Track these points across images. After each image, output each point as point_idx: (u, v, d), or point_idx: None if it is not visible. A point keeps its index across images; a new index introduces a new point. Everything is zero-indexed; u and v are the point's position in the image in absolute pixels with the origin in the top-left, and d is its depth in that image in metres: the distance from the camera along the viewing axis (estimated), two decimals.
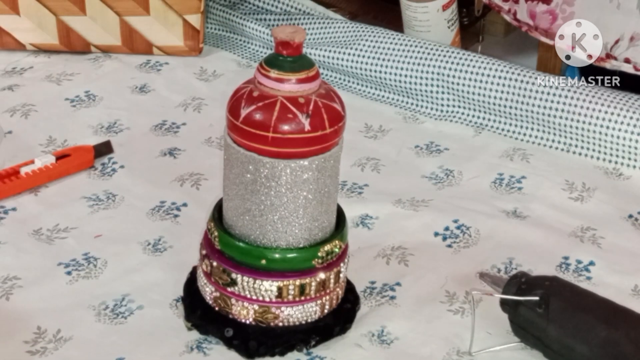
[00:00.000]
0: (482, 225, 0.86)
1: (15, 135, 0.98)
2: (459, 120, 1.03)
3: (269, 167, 0.65)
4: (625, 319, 0.67)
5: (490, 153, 0.98)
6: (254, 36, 1.18)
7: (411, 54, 1.05)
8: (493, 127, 1.01)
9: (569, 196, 0.91)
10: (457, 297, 0.77)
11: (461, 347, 0.72)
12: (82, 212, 0.86)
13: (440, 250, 0.83)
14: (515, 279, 0.70)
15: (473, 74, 1.01)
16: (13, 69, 1.11)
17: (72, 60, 1.13)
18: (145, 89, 1.08)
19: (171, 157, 0.95)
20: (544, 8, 1.02)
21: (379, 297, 0.77)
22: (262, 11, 1.21)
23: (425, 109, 1.06)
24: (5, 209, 0.86)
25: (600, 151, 0.96)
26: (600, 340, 0.66)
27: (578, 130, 0.96)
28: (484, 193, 0.91)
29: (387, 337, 0.73)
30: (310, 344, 0.71)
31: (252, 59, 1.17)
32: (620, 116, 0.94)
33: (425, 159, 0.97)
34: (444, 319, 0.75)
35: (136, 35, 1.14)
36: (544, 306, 0.68)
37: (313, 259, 0.69)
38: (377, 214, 0.87)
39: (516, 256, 0.82)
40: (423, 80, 1.04)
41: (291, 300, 0.69)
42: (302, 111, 0.63)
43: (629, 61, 0.98)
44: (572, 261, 0.81)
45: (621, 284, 0.78)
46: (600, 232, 0.85)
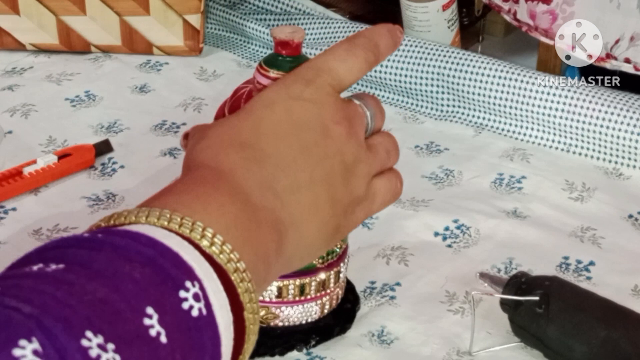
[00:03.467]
0: (482, 225, 0.86)
1: (15, 135, 0.98)
2: (459, 120, 1.03)
3: None
4: (625, 319, 0.67)
5: (490, 153, 0.98)
6: (254, 36, 1.18)
7: (411, 54, 1.05)
8: (493, 127, 1.01)
9: (569, 196, 0.91)
10: (457, 297, 0.77)
11: (461, 347, 0.72)
12: (82, 212, 0.86)
13: (440, 250, 0.83)
14: (515, 279, 0.71)
15: (473, 74, 1.01)
16: (13, 69, 1.11)
17: (72, 60, 1.13)
18: (145, 89, 1.08)
19: (171, 157, 0.95)
20: (544, 8, 1.02)
21: (379, 297, 0.77)
22: (262, 11, 1.21)
23: (425, 109, 1.06)
24: (5, 209, 0.86)
25: (600, 151, 0.96)
26: (600, 340, 0.66)
27: (578, 130, 0.96)
28: (484, 193, 0.91)
29: (387, 337, 0.73)
30: (310, 344, 0.71)
31: (252, 59, 1.17)
32: (620, 116, 0.94)
33: (425, 159, 0.97)
34: (444, 319, 0.75)
35: (136, 35, 1.14)
36: (544, 306, 0.68)
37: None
38: (377, 214, 0.87)
39: (516, 256, 0.82)
40: (423, 80, 1.04)
41: (291, 300, 0.69)
42: None
43: (629, 61, 0.98)
44: (572, 261, 0.81)
45: (621, 284, 0.78)
46: (600, 232, 0.85)
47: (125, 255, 0.43)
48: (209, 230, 0.47)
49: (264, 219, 0.51)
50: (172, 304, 0.43)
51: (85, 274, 0.42)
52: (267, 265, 0.51)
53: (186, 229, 0.46)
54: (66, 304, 0.39)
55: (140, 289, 0.42)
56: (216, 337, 0.44)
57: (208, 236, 0.46)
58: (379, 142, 0.59)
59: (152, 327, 0.41)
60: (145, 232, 0.45)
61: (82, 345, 0.38)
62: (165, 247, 0.44)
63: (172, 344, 0.42)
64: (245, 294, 0.47)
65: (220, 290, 0.45)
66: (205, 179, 0.51)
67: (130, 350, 0.40)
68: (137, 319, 0.41)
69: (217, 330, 0.44)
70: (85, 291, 0.40)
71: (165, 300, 0.43)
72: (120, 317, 0.41)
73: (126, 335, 0.40)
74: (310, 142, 0.54)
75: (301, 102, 0.55)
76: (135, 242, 0.44)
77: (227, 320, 0.45)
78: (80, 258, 0.42)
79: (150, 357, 0.41)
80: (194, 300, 0.43)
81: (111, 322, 0.40)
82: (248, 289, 0.47)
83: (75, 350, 0.38)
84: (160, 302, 0.42)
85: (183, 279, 0.44)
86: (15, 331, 0.37)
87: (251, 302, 0.47)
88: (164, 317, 0.42)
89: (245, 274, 0.47)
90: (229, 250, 0.47)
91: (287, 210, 0.52)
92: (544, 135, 0.99)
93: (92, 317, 0.39)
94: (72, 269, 0.42)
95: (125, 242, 0.44)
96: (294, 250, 0.53)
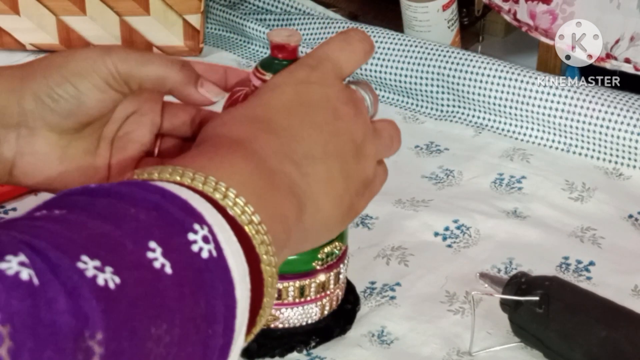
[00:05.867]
0: (482, 225, 0.86)
1: None
2: (459, 120, 1.03)
3: None
4: (625, 319, 0.67)
5: (490, 153, 0.98)
6: (254, 36, 1.18)
7: (411, 54, 1.05)
8: (493, 127, 1.01)
9: (569, 196, 0.91)
10: (457, 297, 0.77)
11: (461, 347, 0.72)
12: None
13: (440, 250, 0.83)
14: (515, 279, 0.71)
15: (473, 74, 1.01)
16: None
17: None
18: None
19: None
20: (544, 8, 1.02)
21: (379, 297, 0.77)
22: (262, 11, 1.21)
23: (425, 109, 1.06)
24: (5, 209, 0.86)
25: (600, 151, 0.96)
26: (600, 340, 0.66)
27: (578, 130, 0.96)
28: (484, 193, 0.91)
29: (387, 337, 0.73)
30: (311, 345, 0.71)
31: (252, 59, 1.17)
32: (620, 116, 0.94)
33: (425, 159, 0.97)
34: (444, 319, 0.75)
35: (136, 36, 1.14)
36: (544, 306, 0.68)
37: (313, 261, 0.69)
38: (377, 214, 0.87)
39: (516, 256, 0.82)
40: (423, 80, 1.04)
41: (291, 301, 0.69)
42: None
43: (629, 61, 0.98)
44: (572, 261, 0.81)
45: (621, 284, 0.78)
46: (600, 232, 0.85)
47: (130, 201, 0.42)
48: (221, 184, 0.46)
49: (281, 182, 0.51)
50: (179, 244, 0.41)
51: (86, 214, 0.40)
52: (287, 227, 0.50)
53: (198, 183, 0.45)
54: (61, 235, 0.38)
55: (144, 227, 0.41)
56: (228, 281, 0.43)
57: (221, 189, 0.46)
58: (383, 127, 0.60)
59: (156, 260, 0.40)
60: (154, 183, 0.44)
61: (77, 266, 0.36)
62: (173, 195, 0.43)
63: (179, 278, 0.40)
64: (262, 245, 0.46)
65: (233, 240, 0.44)
66: (220, 145, 0.51)
67: (131, 274, 0.38)
68: (139, 251, 0.40)
69: (230, 274, 0.43)
70: (84, 227, 0.39)
71: (172, 240, 0.41)
72: (120, 248, 0.39)
73: (126, 263, 0.38)
74: (321, 120, 0.55)
75: (308, 84, 0.55)
76: (142, 190, 0.43)
77: (242, 270, 0.44)
78: (83, 203, 0.41)
79: (153, 283, 0.39)
80: (204, 242, 0.42)
81: (110, 251, 0.38)
82: (264, 241, 0.46)
83: (68, 268, 0.36)
84: (166, 241, 0.41)
85: (191, 222, 0.42)
86: (3, 249, 0.35)
87: (267, 254, 0.46)
88: (170, 254, 0.40)
89: (261, 227, 0.46)
90: (243, 203, 0.46)
91: (304, 179, 0.52)
92: (544, 135, 0.99)
93: (89, 245, 0.38)
94: (73, 211, 0.41)
95: (132, 189, 0.43)
96: (312, 223, 0.53)
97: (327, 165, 0.54)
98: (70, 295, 0.35)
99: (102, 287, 0.36)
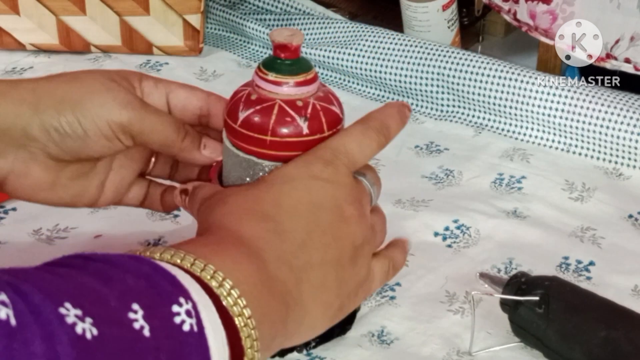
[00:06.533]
0: (482, 225, 0.86)
1: None
2: (459, 120, 1.03)
3: (267, 171, 0.65)
4: (625, 319, 0.67)
5: (490, 153, 0.98)
6: (254, 36, 1.18)
7: (411, 54, 1.05)
8: (493, 127, 1.01)
9: (569, 196, 0.91)
10: (457, 297, 0.77)
11: (461, 347, 0.72)
12: (82, 211, 0.86)
13: (440, 250, 0.83)
14: (515, 279, 0.71)
15: (473, 74, 1.01)
16: (13, 69, 1.11)
17: (72, 60, 1.13)
18: None
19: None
20: (544, 8, 1.02)
21: (379, 297, 0.77)
22: (262, 11, 1.21)
23: (425, 109, 1.06)
24: (5, 209, 0.86)
25: (600, 151, 0.96)
26: (600, 340, 0.65)
27: (578, 130, 0.96)
28: (484, 193, 0.91)
29: (387, 337, 0.73)
30: (310, 345, 0.71)
31: (252, 59, 1.17)
32: (620, 116, 0.94)
33: (425, 159, 0.97)
34: (444, 319, 0.75)
35: (136, 35, 1.14)
36: (544, 306, 0.68)
37: None
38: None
39: (516, 256, 0.82)
40: (423, 80, 1.04)
41: None
42: (300, 114, 0.63)
43: (629, 61, 0.98)
44: (572, 261, 0.81)
45: (621, 284, 0.78)
46: (600, 232, 0.85)
47: (122, 267, 0.43)
48: (219, 273, 0.47)
49: (276, 289, 0.52)
50: (162, 312, 0.42)
51: (77, 271, 0.41)
52: (273, 332, 0.51)
53: (197, 268, 0.47)
54: (49, 281, 0.39)
55: (130, 290, 0.42)
56: (206, 357, 0.44)
57: (218, 278, 0.47)
58: (375, 222, 0.63)
59: (137, 321, 0.41)
60: (148, 258, 0.45)
61: (58, 311, 0.37)
62: (164, 270, 0.45)
63: (157, 342, 0.41)
64: (248, 339, 0.47)
65: (217, 322, 0.45)
66: (226, 239, 0.53)
67: (110, 329, 0.39)
68: (122, 310, 0.40)
69: (208, 351, 0.44)
70: (73, 279, 0.40)
71: (156, 307, 0.42)
72: (104, 302, 0.40)
73: (107, 317, 0.39)
74: (326, 222, 0.57)
75: (320, 181, 0.58)
76: (135, 261, 0.44)
77: (223, 352, 0.45)
78: (76, 263, 0.43)
79: (130, 342, 0.40)
80: (187, 316, 0.43)
81: (93, 304, 0.39)
82: (250, 335, 0.47)
83: (49, 312, 0.36)
84: (150, 306, 0.42)
85: (178, 295, 0.44)
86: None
87: (252, 348, 0.47)
88: (152, 319, 0.41)
89: (250, 321, 0.48)
90: (237, 295, 0.47)
91: (298, 286, 0.54)
92: (544, 135, 0.99)
93: (75, 294, 0.39)
94: (66, 267, 0.42)
95: (125, 259, 0.44)
96: (297, 328, 0.55)
97: (323, 272, 0.56)
98: (47, 339, 0.36)
99: (79, 335, 0.37)
